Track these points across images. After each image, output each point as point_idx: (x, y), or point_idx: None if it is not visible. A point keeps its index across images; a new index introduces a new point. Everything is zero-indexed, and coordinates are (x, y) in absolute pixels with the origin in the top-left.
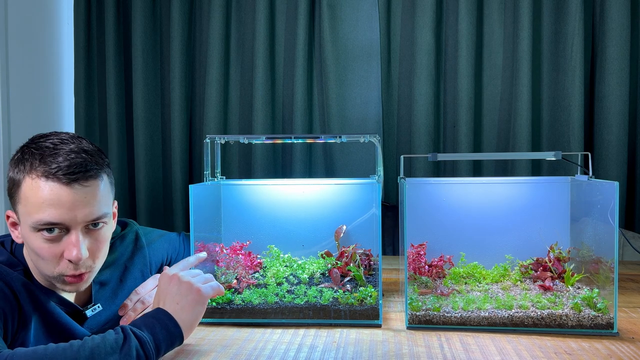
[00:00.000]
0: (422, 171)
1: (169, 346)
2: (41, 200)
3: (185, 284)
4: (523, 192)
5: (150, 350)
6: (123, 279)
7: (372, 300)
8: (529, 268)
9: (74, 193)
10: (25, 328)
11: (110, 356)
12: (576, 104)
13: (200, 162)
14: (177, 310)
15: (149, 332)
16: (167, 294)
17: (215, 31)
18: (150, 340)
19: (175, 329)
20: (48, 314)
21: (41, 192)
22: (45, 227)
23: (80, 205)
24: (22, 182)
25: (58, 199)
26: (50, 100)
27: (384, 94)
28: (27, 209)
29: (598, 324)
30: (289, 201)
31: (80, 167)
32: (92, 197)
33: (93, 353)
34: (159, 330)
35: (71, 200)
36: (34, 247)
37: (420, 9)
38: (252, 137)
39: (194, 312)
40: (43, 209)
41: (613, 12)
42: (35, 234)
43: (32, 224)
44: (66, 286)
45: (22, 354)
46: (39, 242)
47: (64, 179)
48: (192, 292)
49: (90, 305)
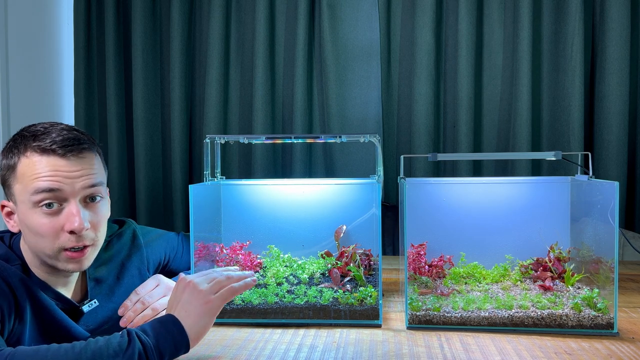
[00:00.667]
0: (422, 171)
1: (174, 354)
2: (38, 172)
3: (197, 293)
4: (523, 192)
5: (153, 356)
6: (120, 276)
7: (372, 300)
8: (529, 268)
9: (70, 164)
10: (21, 324)
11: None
12: (576, 104)
13: (200, 162)
14: (186, 318)
15: (154, 337)
16: (179, 301)
17: (215, 31)
18: (154, 347)
19: (181, 337)
20: (44, 311)
21: (38, 165)
22: (44, 197)
23: (77, 174)
24: (17, 163)
25: (55, 170)
26: (50, 100)
27: (384, 94)
28: (24, 184)
29: (598, 324)
30: (289, 201)
31: (74, 141)
32: (88, 168)
33: (95, 355)
34: (165, 337)
35: (68, 170)
36: (33, 226)
37: (420, 9)
38: (252, 137)
39: (201, 322)
40: (41, 179)
41: (613, 12)
42: (35, 210)
43: (31, 196)
44: (69, 263)
45: (24, 353)
46: (38, 219)
47: (59, 151)
48: (202, 302)
49: (87, 301)
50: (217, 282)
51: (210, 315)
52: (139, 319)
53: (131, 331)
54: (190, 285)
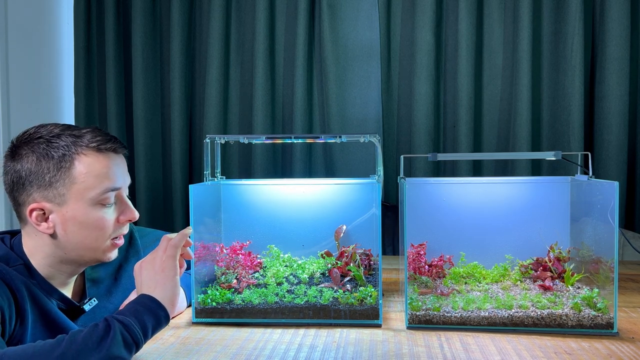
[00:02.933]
0: (422, 171)
1: (157, 325)
2: (104, 170)
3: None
4: (523, 192)
5: (136, 332)
6: (118, 277)
7: (372, 300)
8: (529, 268)
9: (122, 160)
10: (22, 326)
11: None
12: (576, 104)
13: (200, 162)
14: (153, 291)
15: (132, 315)
16: (140, 282)
17: (215, 31)
18: (135, 323)
19: (158, 308)
20: (46, 312)
21: (100, 163)
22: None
23: (125, 169)
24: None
25: (116, 166)
26: (51, 100)
27: (384, 94)
28: (88, 183)
29: (598, 324)
30: (289, 201)
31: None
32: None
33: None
34: (142, 312)
35: (123, 166)
36: (93, 221)
37: (420, 9)
38: (252, 137)
39: (166, 287)
40: (106, 177)
41: (613, 12)
42: (94, 207)
43: (97, 196)
44: (111, 253)
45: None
46: (100, 214)
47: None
48: (157, 271)
49: (87, 300)
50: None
51: (170, 277)
52: None
53: (108, 317)
54: (141, 265)
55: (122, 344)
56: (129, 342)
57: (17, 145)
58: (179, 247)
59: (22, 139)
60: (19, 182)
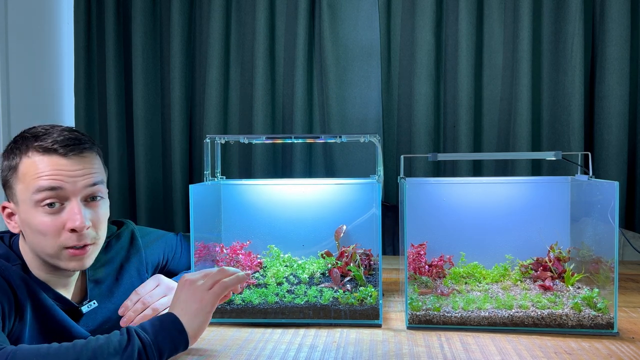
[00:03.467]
0: (422, 171)
1: (173, 351)
2: (41, 171)
3: (193, 291)
4: (523, 192)
5: (152, 353)
6: (119, 277)
7: (372, 300)
8: (529, 268)
9: (72, 163)
10: (21, 323)
11: (112, 357)
12: (576, 104)
13: (200, 162)
14: (183, 316)
15: (154, 335)
16: (177, 299)
17: (215, 31)
18: (153, 344)
19: (180, 334)
20: (44, 310)
21: (40, 164)
22: (46, 196)
23: (78, 174)
24: (19, 163)
25: (58, 169)
26: (51, 100)
27: (384, 94)
28: (27, 183)
29: (598, 324)
30: (289, 201)
31: (75, 140)
32: (89, 167)
33: (95, 353)
34: (164, 334)
35: (70, 169)
36: (35, 225)
37: (420, 9)
38: (252, 137)
39: (196, 319)
40: (43, 178)
41: (613, 12)
42: (37, 209)
43: (33, 195)
44: (70, 262)
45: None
46: (40, 218)
47: (61, 150)
48: (196, 301)
49: (86, 302)
50: (210, 277)
51: (204, 312)
52: (140, 319)
53: (130, 329)
54: (187, 283)
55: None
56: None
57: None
58: (228, 289)
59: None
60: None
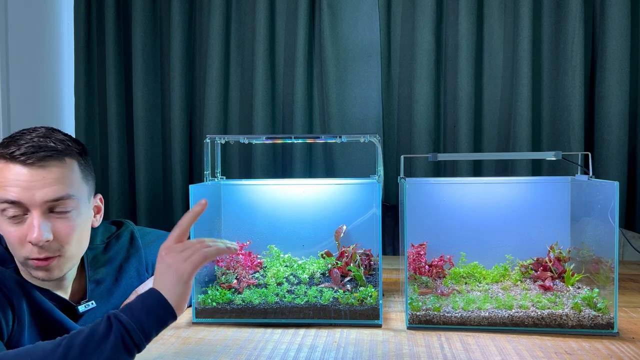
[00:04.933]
0: (422, 171)
1: (161, 326)
2: (4, 180)
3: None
4: (523, 192)
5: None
6: (119, 277)
7: (372, 300)
8: (529, 268)
9: (31, 174)
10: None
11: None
12: (576, 104)
13: (200, 162)
14: (163, 289)
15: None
16: (156, 273)
17: (215, 31)
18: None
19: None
20: (42, 311)
21: (3, 172)
22: (7, 208)
23: (37, 185)
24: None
25: (17, 179)
26: (51, 100)
27: (384, 94)
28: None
29: (598, 324)
30: (289, 201)
31: (38, 149)
32: (51, 179)
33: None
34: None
35: (28, 180)
36: (4, 233)
37: (420, 9)
38: (252, 137)
39: (176, 290)
40: (5, 189)
41: (613, 12)
42: (3, 218)
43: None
44: (37, 272)
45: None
46: (6, 227)
47: (20, 158)
48: (173, 271)
49: (84, 302)
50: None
51: (182, 282)
52: None
53: (111, 315)
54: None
55: (122, 348)
56: (130, 347)
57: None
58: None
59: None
60: None
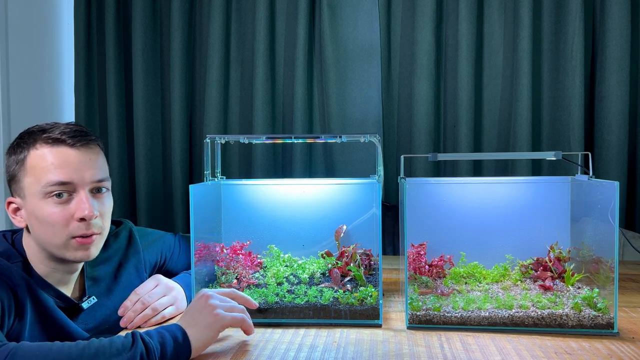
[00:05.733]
0: (422, 171)
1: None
2: (49, 163)
3: (209, 307)
4: (523, 192)
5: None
6: (117, 275)
7: (372, 300)
8: (529, 268)
9: (80, 154)
10: (21, 322)
11: (114, 357)
12: (576, 104)
13: (200, 162)
14: (192, 327)
15: (158, 342)
16: (190, 308)
17: (215, 31)
18: (157, 350)
19: (184, 343)
20: (44, 309)
21: (48, 156)
22: (55, 189)
23: (86, 165)
24: (26, 157)
25: (66, 160)
26: (51, 100)
27: (384, 93)
28: (35, 176)
29: (598, 324)
30: (289, 201)
31: (82, 132)
32: (95, 160)
33: (98, 353)
34: (168, 342)
35: (78, 160)
36: (44, 216)
37: (420, 9)
38: (252, 137)
39: (205, 333)
40: (52, 171)
41: (613, 12)
42: (45, 201)
43: (42, 189)
44: (77, 252)
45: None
46: (49, 209)
47: (69, 141)
48: (211, 315)
49: (85, 298)
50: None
51: (214, 329)
52: (139, 319)
53: (136, 333)
54: (204, 297)
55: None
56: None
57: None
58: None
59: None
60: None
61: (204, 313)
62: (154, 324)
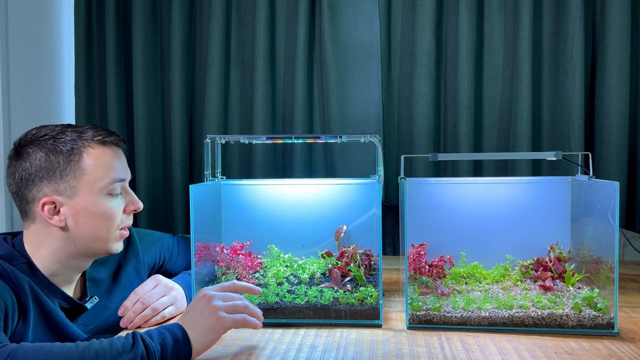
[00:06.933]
0: (422, 171)
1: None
2: (110, 162)
3: (211, 309)
4: (523, 192)
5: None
6: (117, 276)
7: (372, 300)
8: (530, 268)
9: (122, 154)
10: (25, 324)
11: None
12: (576, 104)
13: (200, 162)
14: (193, 328)
15: (159, 343)
16: (191, 309)
17: (215, 31)
18: (157, 352)
19: (185, 345)
20: (47, 312)
21: (106, 155)
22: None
23: (126, 162)
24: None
25: (119, 159)
26: (51, 100)
27: (384, 94)
28: (97, 174)
29: (598, 324)
30: (289, 201)
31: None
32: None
33: (98, 354)
34: (169, 344)
35: (124, 159)
36: (103, 211)
37: (420, 9)
38: (252, 137)
39: (207, 335)
40: (113, 168)
41: (613, 12)
42: (105, 197)
43: (106, 185)
44: (119, 244)
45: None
46: (108, 204)
47: (115, 140)
48: (213, 318)
49: (88, 298)
50: (234, 306)
51: (217, 332)
52: (139, 319)
53: (136, 334)
54: (205, 298)
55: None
56: None
57: (22, 145)
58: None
59: (26, 139)
60: (28, 180)
61: (205, 315)
62: (154, 324)
